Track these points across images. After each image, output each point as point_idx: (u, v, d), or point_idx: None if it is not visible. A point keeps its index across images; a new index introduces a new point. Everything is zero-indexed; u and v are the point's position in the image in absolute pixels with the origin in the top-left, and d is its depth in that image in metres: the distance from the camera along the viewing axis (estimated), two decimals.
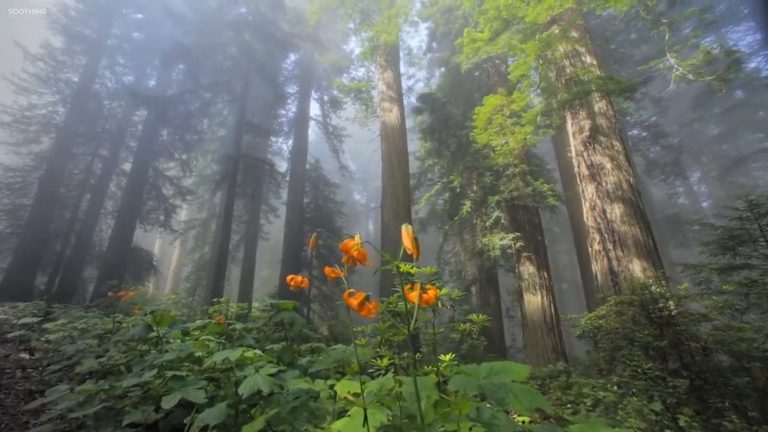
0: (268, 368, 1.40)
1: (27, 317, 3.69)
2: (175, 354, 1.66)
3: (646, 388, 2.19)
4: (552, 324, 7.69)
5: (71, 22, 14.71)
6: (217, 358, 1.40)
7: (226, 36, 14.50)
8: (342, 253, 1.09)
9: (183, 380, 1.47)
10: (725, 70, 5.79)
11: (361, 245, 1.46)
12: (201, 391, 1.42)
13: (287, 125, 18.42)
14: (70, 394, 1.63)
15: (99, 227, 14.48)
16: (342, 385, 1.22)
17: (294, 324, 1.57)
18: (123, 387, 1.56)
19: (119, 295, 3.07)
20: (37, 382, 2.51)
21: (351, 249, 1.04)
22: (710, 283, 3.13)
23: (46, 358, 2.80)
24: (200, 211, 19.28)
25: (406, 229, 1.18)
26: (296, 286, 1.51)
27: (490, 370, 0.89)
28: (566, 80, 7.76)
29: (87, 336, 2.82)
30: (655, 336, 2.41)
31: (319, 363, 1.44)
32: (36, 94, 14.68)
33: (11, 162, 14.49)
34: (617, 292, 5.45)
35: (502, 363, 0.93)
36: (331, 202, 15.71)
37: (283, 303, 1.68)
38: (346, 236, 4.61)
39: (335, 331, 6.97)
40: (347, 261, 1.06)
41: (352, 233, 1.82)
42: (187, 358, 1.72)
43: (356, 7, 12.18)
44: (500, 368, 0.90)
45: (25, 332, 3.37)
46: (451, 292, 2.69)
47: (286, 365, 1.51)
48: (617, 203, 6.15)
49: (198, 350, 1.82)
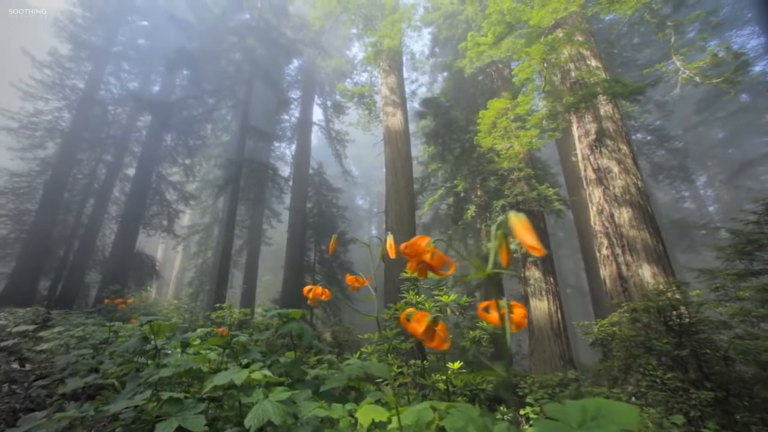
0: (278, 392, 1.24)
1: (23, 325, 3.58)
2: (172, 370, 1.51)
3: (665, 400, 2.09)
4: (559, 330, 7.55)
5: (78, 30, 14.91)
6: (219, 381, 1.24)
7: (229, 42, 14.63)
8: (345, 254, 0.98)
9: (180, 403, 1.31)
10: (733, 72, 5.72)
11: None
12: (201, 417, 1.27)
13: (290, 130, 18.48)
14: (47, 422, 1.45)
15: (102, 232, 14.51)
16: (364, 412, 1.08)
17: (303, 336, 1.47)
18: (111, 412, 1.38)
19: (116, 302, 2.99)
20: (23, 398, 2.35)
21: (424, 253, 0.77)
22: (726, 289, 3.03)
23: (39, 369, 2.69)
24: (203, 216, 19.30)
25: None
26: (315, 298, 1.37)
27: (584, 414, 0.65)
28: (571, 84, 7.71)
29: (84, 345, 2.71)
30: (675, 345, 2.31)
31: (332, 380, 1.32)
32: (42, 100, 14.82)
33: (17, 167, 14.58)
34: (627, 297, 5.33)
35: (597, 402, 0.66)
36: (334, 207, 15.67)
37: (291, 312, 1.55)
38: (350, 241, 4.57)
39: (339, 337, 6.88)
40: (420, 269, 0.79)
41: (355, 238, 1.75)
42: (186, 374, 1.57)
43: (359, 12, 12.25)
44: (596, 410, 0.65)
45: (19, 340, 3.27)
46: (459, 299, 2.61)
47: (295, 381, 1.39)
48: (625, 207, 6.05)
49: (198, 364, 1.67)
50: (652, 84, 6.19)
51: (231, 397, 1.42)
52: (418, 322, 0.75)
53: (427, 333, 0.75)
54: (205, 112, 14.85)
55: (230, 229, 11.61)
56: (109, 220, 14.98)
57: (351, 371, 1.22)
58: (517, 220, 0.66)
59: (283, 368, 1.45)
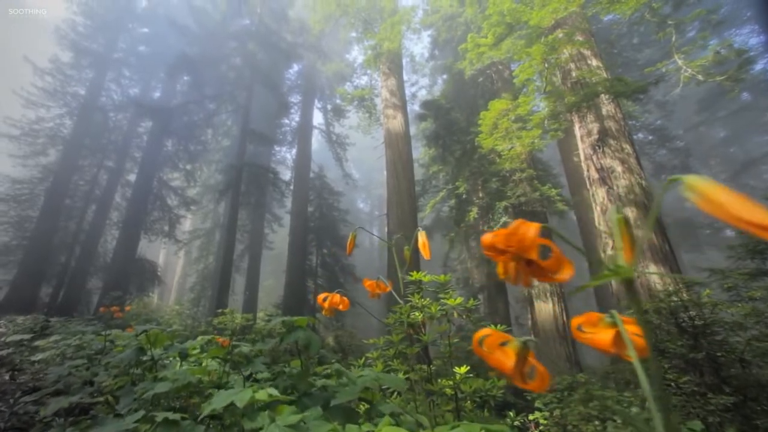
0: (286, 413, 1.09)
1: (18, 334, 3.48)
2: (169, 385, 1.40)
3: (681, 405, 2.02)
4: (564, 332, 7.47)
5: (79, 38, 15.01)
6: (218, 404, 1.09)
7: (230, 47, 14.69)
8: (347, 258, 0.94)
9: (177, 426, 1.20)
10: (737, 69, 5.68)
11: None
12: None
13: (291, 134, 18.50)
14: None
15: (104, 238, 14.50)
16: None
17: (310, 346, 1.38)
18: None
19: (112, 310, 2.91)
20: (8, 415, 2.17)
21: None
22: (738, 289, 2.96)
23: (33, 380, 2.60)
24: (204, 221, 19.28)
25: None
26: (332, 307, 1.23)
27: None
28: (572, 83, 7.68)
29: (81, 354, 2.62)
30: (690, 347, 2.24)
31: (343, 393, 1.20)
32: (44, 108, 14.90)
33: (19, 174, 14.62)
34: None
35: None
36: (335, 211, 15.63)
37: (296, 320, 1.46)
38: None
39: (343, 341, 6.80)
40: (522, 272, 0.53)
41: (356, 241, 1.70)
42: (184, 388, 1.45)
43: (359, 15, 12.28)
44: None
45: (14, 350, 3.18)
46: (466, 302, 2.55)
47: (303, 395, 1.30)
48: (630, 207, 5.99)
49: (198, 376, 1.56)
50: (654, 83, 6.15)
51: (233, 413, 1.29)
52: (504, 354, 0.52)
53: (517, 368, 0.51)
54: (206, 116, 14.88)
55: (231, 233, 11.57)
56: (110, 226, 14.98)
57: (364, 383, 1.12)
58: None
59: (290, 381, 1.36)
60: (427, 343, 2.40)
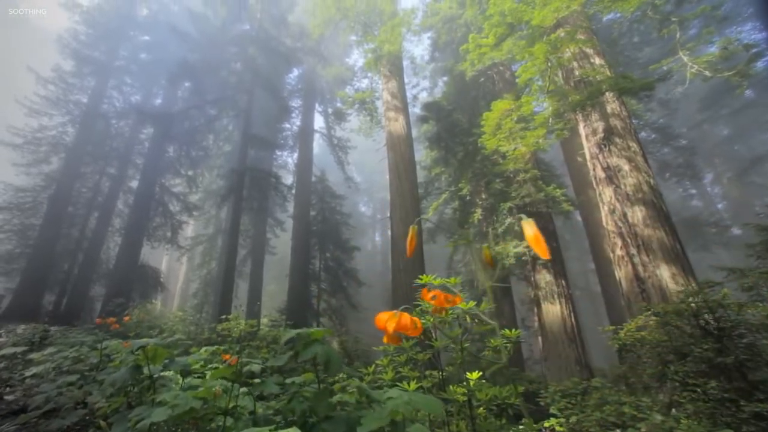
0: None
1: (14, 346, 3.35)
2: (168, 412, 1.20)
3: (710, 412, 1.91)
4: (573, 334, 7.33)
5: (81, 46, 15.10)
6: None
7: (230, 52, 14.72)
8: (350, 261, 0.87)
9: None
10: (745, 64, 5.58)
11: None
12: None
13: (292, 138, 18.49)
14: None
15: (106, 245, 14.47)
16: None
17: (330, 363, 1.17)
18: None
19: (108, 322, 2.80)
20: None
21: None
22: (759, 288, 2.86)
23: (23, 398, 2.43)
24: (207, 226, 19.24)
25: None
26: (400, 330, 1.02)
27: None
28: (575, 82, 7.61)
29: (75, 369, 2.49)
30: (716, 350, 2.13)
31: (369, 419, 1.01)
32: (47, 116, 14.97)
33: (22, 182, 14.66)
34: (645, 299, 5.14)
35: None
36: (337, 214, 15.55)
37: (312, 332, 1.26)
38: (354, 248, 4.38)
39: (348, 347, 6.69)
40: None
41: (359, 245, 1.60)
42: (186, 414, 1.25)
43: (359, 19, 12.28)
44: None
45: (6, 364, 3.04)
46: (478, 306, 2.46)
47: (322, 420, 1.16)
48: (638, 206, 5.88)
49: (202, 397, 1.37)
50: (661, 79, 6.07)
51: None
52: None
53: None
54: (207, 122, 14.90)
55: (234, 239, 11.51)
56: (113, 233, 14.97)
57: (395, 407, 0.98)
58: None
59: (307, 404, 1.22)
60: (438, 349, 2.31)
